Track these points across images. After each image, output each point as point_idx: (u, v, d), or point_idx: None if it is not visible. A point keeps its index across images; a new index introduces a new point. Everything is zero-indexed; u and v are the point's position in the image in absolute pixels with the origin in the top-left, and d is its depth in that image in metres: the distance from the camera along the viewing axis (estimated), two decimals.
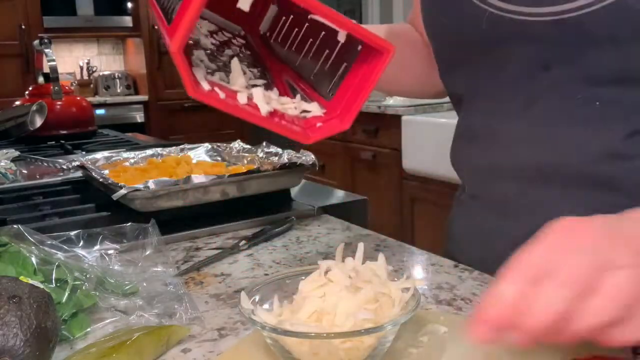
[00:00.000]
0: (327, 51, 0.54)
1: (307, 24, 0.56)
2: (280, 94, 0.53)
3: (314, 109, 0.52)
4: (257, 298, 0.48)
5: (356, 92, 0.49)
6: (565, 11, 0.48)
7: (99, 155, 1.05)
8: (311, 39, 0.56)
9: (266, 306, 0.48)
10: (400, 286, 0.46)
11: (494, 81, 0.58)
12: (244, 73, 0.53)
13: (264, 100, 0.49)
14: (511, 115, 0.58)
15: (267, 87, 0.53)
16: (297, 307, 0.46)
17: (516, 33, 0.53)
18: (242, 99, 0.48)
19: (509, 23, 0.52)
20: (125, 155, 1.06)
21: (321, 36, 0.54)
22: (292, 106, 0.52)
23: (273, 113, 0.49)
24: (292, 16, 0.60)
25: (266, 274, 0.67)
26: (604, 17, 0.47)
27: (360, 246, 0.49)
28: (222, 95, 0.47)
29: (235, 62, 0.53)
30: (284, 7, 0.62)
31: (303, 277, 0.48)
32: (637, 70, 0.48)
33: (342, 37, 0.48)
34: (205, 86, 0.47)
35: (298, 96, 0.54)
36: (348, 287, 0.45)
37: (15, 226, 0.60)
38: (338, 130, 0.50)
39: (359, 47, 0.49)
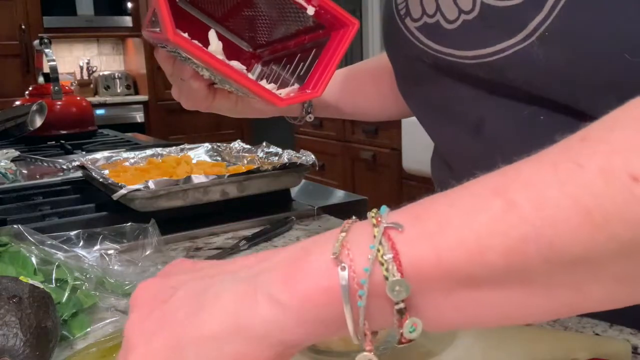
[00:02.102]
0: (301, 64, 0.58)
1: (285, 59, 0.61)
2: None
3: (288, 90, 0.56)
4: None
5: (325, 66, 0.54)
6: (485, 55, 0.51)
7: (99, 155, 1.05)
8: (288, 65, 0.60)
9: None
10: None
11: (445, 106, 0.60)
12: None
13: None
14: (464, 138, 0.59)
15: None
16: None
17: (453, 71, 0.55)
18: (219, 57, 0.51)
19: (445, 63, 0.55)
20: (125, 155, 1.06)
21: (296, 59, 0.58)
22: (268, 86, 0.56)
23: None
24: (272, 63, 0.64)
25: None
26: (513, 63, 0.49)
27: None
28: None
29: (212, 33, 0.53)
30: (268, 61, 0.67)
31: None
32: (561, 105, 0.50)
33: (311, 11, 0.52)
34: (185, 36, 0.48)
35: (272, 84, 0.58)
36: None
37: (15, 226, 0.60)
38: (310, 97, 0.53)
39: (325, 37, 0.54)
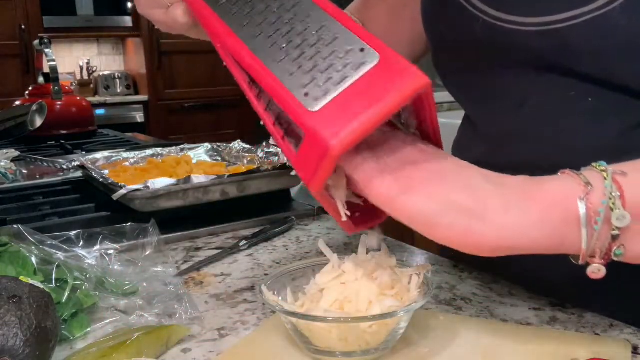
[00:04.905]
0: None
1: None
2: None
3: None
4: (275, 291, 0.49)
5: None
6: (552, 22, 0.50)
7: (99, 155, 1.05)
8: None
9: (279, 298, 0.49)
10: (411, 272, 0.48)
11: (487, 82, 0.59)
12: None
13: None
14: (504, 115, 0.58)
15: None
16: (316, 298, 0.47)
17: (508, 41, 0.54)
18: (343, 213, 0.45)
19: (501, 31, 0.54)
20: (125, 155, 1.06)
21: None
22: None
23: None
24: None
25: (266, 274, 0.67)
26: (586, 31, 0.48)
27: (364, 239, 0.51)
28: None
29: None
30: None
31: (313, 270, 0.50)
32: (621, 80, 0.49)
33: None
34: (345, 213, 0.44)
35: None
36: (367, 275, 0.47)
37: (15, 226, 0.60)
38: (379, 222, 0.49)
39: None
